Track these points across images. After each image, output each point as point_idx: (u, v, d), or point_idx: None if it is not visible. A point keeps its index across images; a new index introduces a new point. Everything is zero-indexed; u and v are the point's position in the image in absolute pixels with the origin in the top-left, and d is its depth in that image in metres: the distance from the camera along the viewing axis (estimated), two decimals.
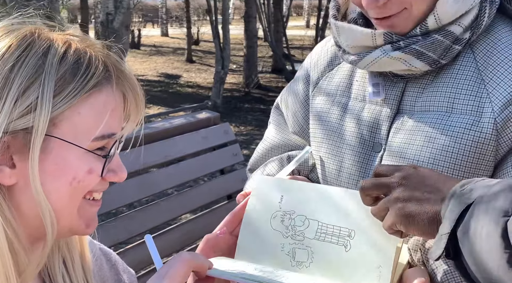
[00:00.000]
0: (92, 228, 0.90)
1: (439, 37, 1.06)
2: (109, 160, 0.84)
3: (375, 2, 1.04)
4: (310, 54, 1.41)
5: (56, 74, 0.76)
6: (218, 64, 9.73)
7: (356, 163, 1.20)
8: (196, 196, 2.44)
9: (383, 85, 1.18)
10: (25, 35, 0.79)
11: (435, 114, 1.10)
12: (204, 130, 2.55)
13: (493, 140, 1.04)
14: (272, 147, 1.42)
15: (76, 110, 0.79)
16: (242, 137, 8.20)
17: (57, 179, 0.80)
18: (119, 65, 0.86)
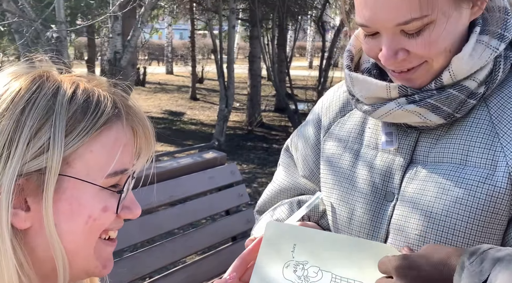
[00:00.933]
0: (109, 269, 0.89)
1: (454, 92, 1.06)
2: (123, 196, 0.83)
3: (393, 58, 1.04)
4: (322, 99, 1.41)
5: (67, 114, 0.77)
6: (222, 102, 9.78)
7: (368, 211, 1.18)
8: (200, 237, 2.42)
9: (396, 134, 1.17)
10: (34, 78, 0.80)
11: (449, 166, 1.09)
12: (211, 170, 2.55)
13: (507, 194, 1.03)
14: (281, 190, 1.41)
15: (88, 148, 0.79)
16: (244, 175, 8.17)
17: (72, 219, 0.79)
18: (127, 101, 0.86)
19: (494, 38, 1.06)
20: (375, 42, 1.07)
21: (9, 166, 0.73)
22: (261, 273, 1.05)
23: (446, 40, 1.03)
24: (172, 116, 13.38)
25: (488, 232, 1.05)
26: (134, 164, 0.87)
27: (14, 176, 0.73)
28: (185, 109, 14.46)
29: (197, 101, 15.80)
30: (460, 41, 1.06)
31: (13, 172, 0.73)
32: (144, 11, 6.89)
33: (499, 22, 1.08)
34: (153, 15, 14.91)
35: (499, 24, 1.08)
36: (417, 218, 1.09)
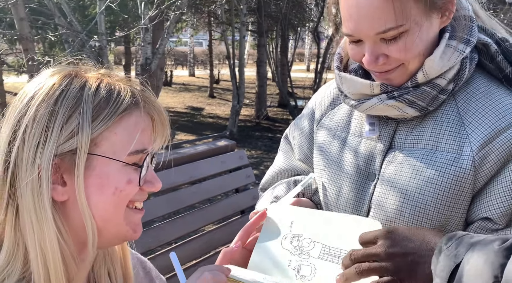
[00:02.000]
0: (139, 232, 0.88)
1: (427, 88, 1.04)
2: (143, 170, 0.83)
3: (375, 62, 1.03)
4: (315, 95, 1.39)
5: (93, 103, 0.78)
6: (235, 99, 9.76)
7: (353, 189, 1.16)
8: (215, 210, 2.41)
9: (378, 125, 1.15)
10: (65, 76, 0.80)
11: (422, 151, 1.07)
12: (223, 155, 2.54)
13: (471, 175, 1.01)
14: (281, 171, 1.39)
15: (112, 131, 0.79)
16: (252, 159, 8.16)
17: (102, 191, 0.79)
18: (145, 93, 0.86)
19: (461, 42, 1.04)
20: (359, 48, 1.05)
21: (46, 148, 0.74)
22: (264, 243, 1.04)
23: (420, 45, 1.01)
24: (193, 111, 13.39)
25: (455, 207, 1.04)
26: (152, 145, 0.85)
27: (51, 156, 0.74)
28: (204, 105, 14.46)
29: (214, 99, 15.80)
30: (431, 46, 1.04)
31: (50, 153, 0.74)
32: (169, 24, 6.85)
33: (465, 29, 1.06)
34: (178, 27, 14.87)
35: (465, 30, 1.05)
36: (395, 195, 1.08)
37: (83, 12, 11.04)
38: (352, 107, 1.16)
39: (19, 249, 0.77)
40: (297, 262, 1.00)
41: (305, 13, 13.83)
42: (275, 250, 1.02)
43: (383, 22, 0.97)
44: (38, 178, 0.74)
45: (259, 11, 11.13)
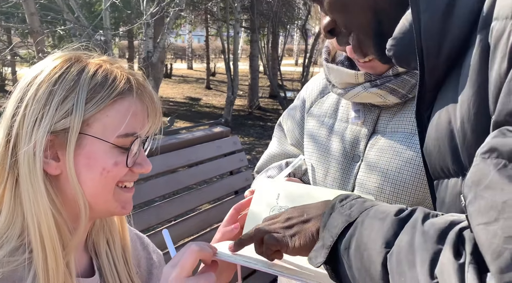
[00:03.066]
0: (128, 209, 0.86)
1: (407, 77, 1.04)
2: (132, 153, 0.80)
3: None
4: (306, 85, 1.38)
5: (88, 86, 0.76)
6: (229, 90, 9.71)
7: (339, 170, 1.16)
8: (210, 191, 2.39)
9: (363, 111, 1.15)
10: (66, 60, 0.79)
11: (402, 135, 1.07)
12: (218, 141, 2.51)
13: None
14: (274, 155, 1.38)
15: (104, 113, 0.77)
16: (245, 145, 8.15)
17: (90, 170, 0.78)
18: (140, 81, 0.83)
19: None
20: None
21: (42, 124, 0.74)
22: (254, 216, 1.02)
23: None
24: (191, 101, 13.31)
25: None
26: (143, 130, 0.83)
27: (46, 132, 0.74)
28: (201, 96, 14.38)
29: (210, 90, 15.71)
30: None
31: (44, 129, 0.74)
32: (169, 20, 6.76)
33: None
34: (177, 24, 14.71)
35: None
36: (377, 174, 1.08)
37: (90, 8, 10.90)
38: (339, 95, 1.16)
39: (18, 216, 0.77)
40: None
41: (294, 11, 13.73)
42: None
43: None
44: (33, 151, 0.74)
45: (252, 9, 11.02)
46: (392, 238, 0.60)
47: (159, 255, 1.10)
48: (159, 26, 8.61)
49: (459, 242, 0.53)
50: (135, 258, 1.02)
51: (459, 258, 0.51)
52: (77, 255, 0.87)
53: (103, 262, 0.91)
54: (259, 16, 11.92)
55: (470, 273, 0.49)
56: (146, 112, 0.83)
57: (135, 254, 1.03)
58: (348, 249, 0.66)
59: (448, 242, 0.53)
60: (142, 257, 1.05)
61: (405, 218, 0.62)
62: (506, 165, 0.48)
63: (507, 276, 0.44)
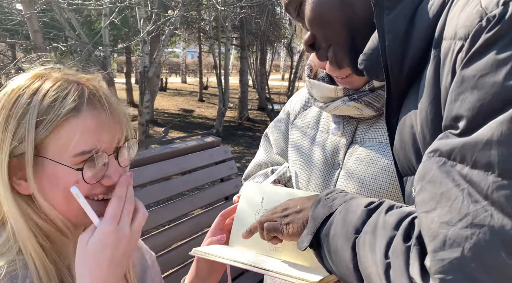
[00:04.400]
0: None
1: (382, 92, 1.05)
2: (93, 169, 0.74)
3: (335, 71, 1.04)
4: (290, 99, 1.40)
5: (38, 109, 0.71)
6: (220, 103, 9.71)
7: (321, 176, 1.17)
8: (202, 197, 2.38)
9: (342, 123, 1.16)
10: (29, 78, 0.75)
11: (378, 144, 1.08)
12: (210, 150, 2.51)
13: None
14: (261, 163, 1.39)
15: (56, 135, 0.71)
16: (236, 154, 8.13)
17: (54, 190, 0.73)
18: (98, 92, 0.76)
19: None
20: None
21: (3, 148, 0.71)
22: (240, 219, 1.02)
23: None
24: (185, 113, 13.27)
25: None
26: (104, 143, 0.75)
27: (6, 157, 0.71)
28: (194, 108, 14.34)
29: (203, 102, 15.68)
30: None
31: (5, 153, 0.71)
32: (165, 37, 6.77)
33: None
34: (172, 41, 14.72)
35: None
36: (354, 181, 1.09)
37: (90, 26, 10.85)
38: (320, 108, 1.17)
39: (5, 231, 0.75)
40: None
41: (281, 31, 13.82)
42: (250, 224, 0.99)
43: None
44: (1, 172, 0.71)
45: (241, 28, 11.08)
46: (361, 226, 0.66)
47: (151, 256, 1.08)
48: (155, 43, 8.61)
49: (410, 229, 0.58)
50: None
51: (408, 241, 0.57)
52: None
53: None
54: (248, 34, 11.99)
55: (413, 253, 0.54)
56: (104, 124, 0.75)
57: None
58: (327, 236, 0.72)
59: (402, 228, 0.59)
60: (135, 257, 1.04)
61: (373, 208, 0.68)
62: (445, 162, 0.53)
63: (440, 254, 0.50)
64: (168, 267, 2.06)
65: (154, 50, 7.26)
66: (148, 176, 2.11)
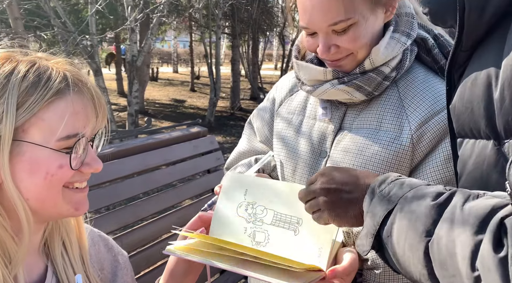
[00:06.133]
0: (82, 210, 0.77)
1: (373, 75, 1.00)
2: (78, 154, 0.71)
3: (327, 52, 0.98)
4: (276, 85, 1.33)
5: (19, 90, 0.66)
6: (212, 93, 9.61)
7: (307, 165, 1.10)
8: (188, 189, 2.31)
9: (330, 108, 1.10)
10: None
11: (367, 131, 1.03)
12: (195, 140, 2.43)
13: (409, 151, 0.98)
14: (244, 152, 1.32)
15: (40, 117, 0.68)
16: (228, 144, 8.06)
17: (33, 176, 0.69)
18: (79, 77, 0.73)
19: (403, 35, 1.01)
20: (313, 40, 1.00)
21: None
22: (221, 212, 0.95)
23: (366, 37, 0.97)
24: (176, 103, 13.14)
25: None
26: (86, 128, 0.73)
27: None
28: (186, 98, 14.21)
29: (194, 92, 15.55)
30: (377, 38, 1.00)
31: None
32: (153, 25, 6.63)
33: (407, 24, 1.03)
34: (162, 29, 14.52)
35: (407, 25, 1.03)
36: None
37: (77, 15, 10.63)
38: (308, 92, 1.11)
39: None
40: (252, 229, 0.91)
41: (273, 19, 13.69)
42: (231, 218, 0.93)
43: (334, 15, 0.93)
44: None
45: (233, 17, 10.95)
46: (432, 226, 0.56)
47: (123, 256, 1.01)
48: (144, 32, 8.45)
49: (501, 232, 0.47)
50: (98, 261, 0.93)
51: (500, 250, 0.45)
52: (30, 262, 0.78)
53: (58, 266, 0.81)
54: (240, 23, 11.84)
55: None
56: (87, 110, 0.73)
57: (98, 256, 0.94)
58: (390, 237, 0.63)
59: (489, 231, 0.48)
60: (105, 259, 0.96)
61: (443, 203, 0.57)
62: None
63: None
64: (152, 262, 1.99)
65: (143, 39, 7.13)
66: (131, 168, 2.03)
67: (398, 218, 0.62)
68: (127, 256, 1.02)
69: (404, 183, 0.67)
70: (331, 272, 0.80)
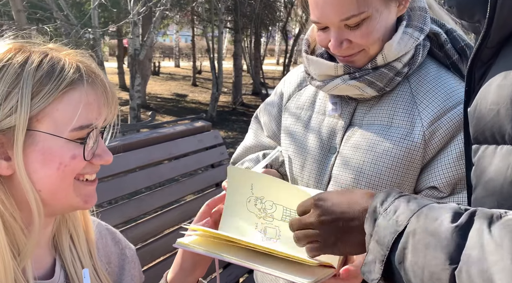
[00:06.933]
0: (91, 203, 0.77)
1: (385, 70, 0.98)
2: (89, 145, 0.71)
3: (339, 47, 0.96)
4: (284, 79, 1.30)
5: (33, 80, 0.66)
6: (214, 87, 9.59)
7: (316, 161, 1.09)
8: (192, 183, 2.30)
9: (340, 104, 1.08)
10: (7, 50, 0.68)
11: (378, 127, 1.01)
12: (200, 135, 2.42)
13: (421, 148, 0.97)
14: (250, 147, 1.30)
15: (54, 107, 0.67)
16: (229, 139, 8.06)
17: (46, 166, 0.69)
18: (92, 68, 0.73)
19: (416, 30, 0.99)
20: (325, 35, 0.98)
21: None
22: (230, 207, 0.93)
23: (379, 31, 0.95)
24: (178, 98, 13.12)
25: (406, 177, 0.99)
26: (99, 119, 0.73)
27: None
28: (188, 92, 14.19)
29: (196, 87, 15.52)
30: (390, 32, 0.98)
31: None
32: (155, 19, 6.61)
33: (420, 18, 1.01)
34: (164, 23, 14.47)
35: (420, 20, 1.00)
36: (352, 166, 1.02)
37: (80, 8, 10.60)
38: (317, 88, 1.09)
39: None
40: (263, 225, 0.90)
41: (276, 14, 13.63)
42: (241, 213, 0.91)
43: (346, 9, 0.90)
44: None
45: (235, 11, 10.90)
46: (456, 253, 0.50)
47: (131, 250, 1.00)
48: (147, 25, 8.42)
49: None
50: (106, 254, 0.93)
51: None
52: (39, 255, 0.77)
53: (67, 259, 0.81)
54: (242, 17, 11.79)
55: None
56: (100, 101, 0.73)
57: (105, 250, 0.93)
58: (403, 263, 0.56)
59: None
60: (113, 253, 0.96)
61: (465, 225, 0.52)
62: None
63: None
64: (156, 256, 1.98)
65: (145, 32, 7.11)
66: (134, 162, 2.02)
67: (412, 244, 0.55)
68: (134, 249, 1.01)
69: (410, 200, 0.60)
70: (344, 271, 0.78)
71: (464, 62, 1.01)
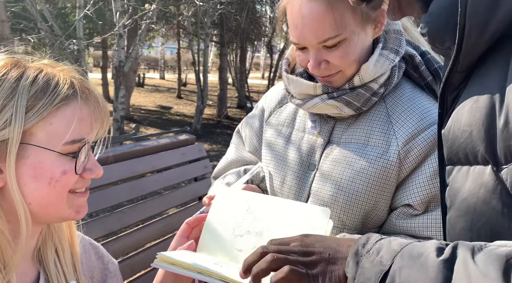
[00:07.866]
0: (82, 213, 0.78)
1: (362, 91, 1.02)
2: (80, 160, 0.72)
3: (318, 67, 0.99)
4: (265, 95, 1.33)
5: (28, 94, 0.68)
6: (199, 100, 9.60)
7: (296, 178, 1.11)
8: (175, 197, 2.30)
9: (319, 122, 1.11)
10: (3, 65, 0.69)
11: (355, 145, 1.04)
12: (183, 148, 2.44)
13: (396, 167, 1.00)
14: (232, 161, 1.31)
15: (48, 121, 0.69)
16: (214, 152, 8.04)
17: (37, 180, 0.70)
18: (85, 84, 0.75)
19: (391, 52, 1.03)
20: (304, 55, 1.02)
21: None
22: (211, 227, 0.92)
23: (356, 53, 0.99)
24: (163, 110, 13.07)
25: (382, 194, 1.02)
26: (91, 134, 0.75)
27: None
28: (172, 104, 14.14)
29: (181, 99, 15.48)
30: (366, 54, 1.02)
31: None
32: (141, 31, 6.62)
33: (395, 41, 1.05)
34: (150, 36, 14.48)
35: (396, 42, 1.05)
36: (331, 183, 1.04)
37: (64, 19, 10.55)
38: (297, 106, 1.12)
39: None
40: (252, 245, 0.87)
41: (261, 28, 13.79)
42: (225, 235, 0.90)
43: (324, 32, 0.94)
44: None
45: (221, 25, 10.99)
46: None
47: (114, 265, 1.00)
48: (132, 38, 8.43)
49: None
50: (89, 269, 0.93)
51: None
52: (24, 268, 0.78)
53: (51, 273, 0.81)
54: (228, 31, 11.89)
55: None
56: (93, 116, 0.75)
57: (89, 265, 0.93)
58: None
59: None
60: (96, 267, 0.96)
61: (449, 258, 0.53)
62: None
63: None
64: (137, 270, 1.97)
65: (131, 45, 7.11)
66: (117, 174, 2.02)
67: (399, 280, 0.55)
68: (117, 264, 1.01)
69: (391, 241, 0.60)
70: None
71: (437, 83, 1.05)
